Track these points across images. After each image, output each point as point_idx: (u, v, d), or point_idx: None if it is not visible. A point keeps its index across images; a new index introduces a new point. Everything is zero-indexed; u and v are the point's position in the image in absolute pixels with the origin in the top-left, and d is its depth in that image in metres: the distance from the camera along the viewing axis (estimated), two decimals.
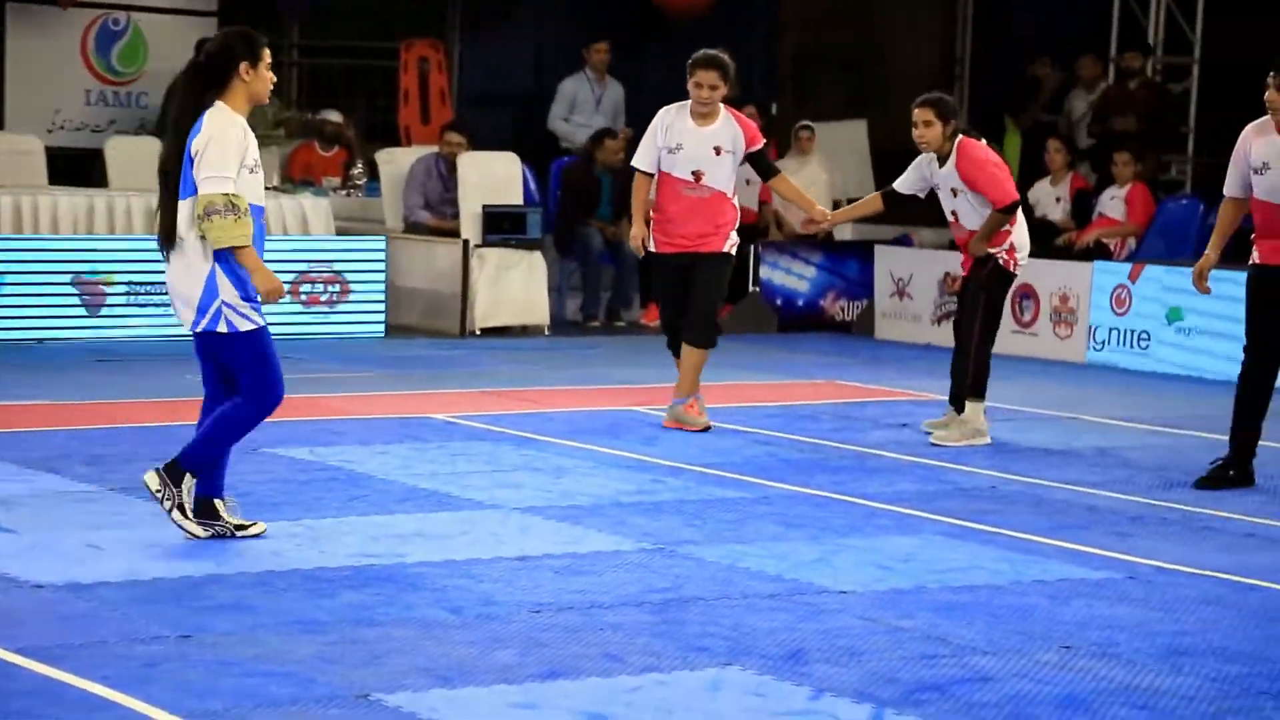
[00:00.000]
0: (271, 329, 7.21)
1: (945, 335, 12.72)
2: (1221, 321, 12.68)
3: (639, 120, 16.18)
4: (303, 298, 13.89)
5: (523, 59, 17.70)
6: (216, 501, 7.26)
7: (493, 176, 14.82)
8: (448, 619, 6.26)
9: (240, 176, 6.97)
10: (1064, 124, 17.01)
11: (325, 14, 17.81)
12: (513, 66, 17.69)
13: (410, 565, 6.98)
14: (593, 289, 15.59)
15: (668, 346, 10.51)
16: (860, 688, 5.61)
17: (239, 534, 7.25)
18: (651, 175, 10.14)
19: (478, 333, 14.57)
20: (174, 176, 7.03)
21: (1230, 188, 9.00)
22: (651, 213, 10.25)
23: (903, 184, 10.27)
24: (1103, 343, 13.59)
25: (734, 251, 10.18)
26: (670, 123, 10.12)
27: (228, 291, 7.04)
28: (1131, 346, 13.42)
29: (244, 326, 7.07)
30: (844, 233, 16.60)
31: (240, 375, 7.15)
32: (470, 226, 14.62)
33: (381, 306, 14.25)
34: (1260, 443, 9.00)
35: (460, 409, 10.86)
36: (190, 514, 7.18)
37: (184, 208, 7.02)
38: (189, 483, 7.16)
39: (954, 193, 10.05)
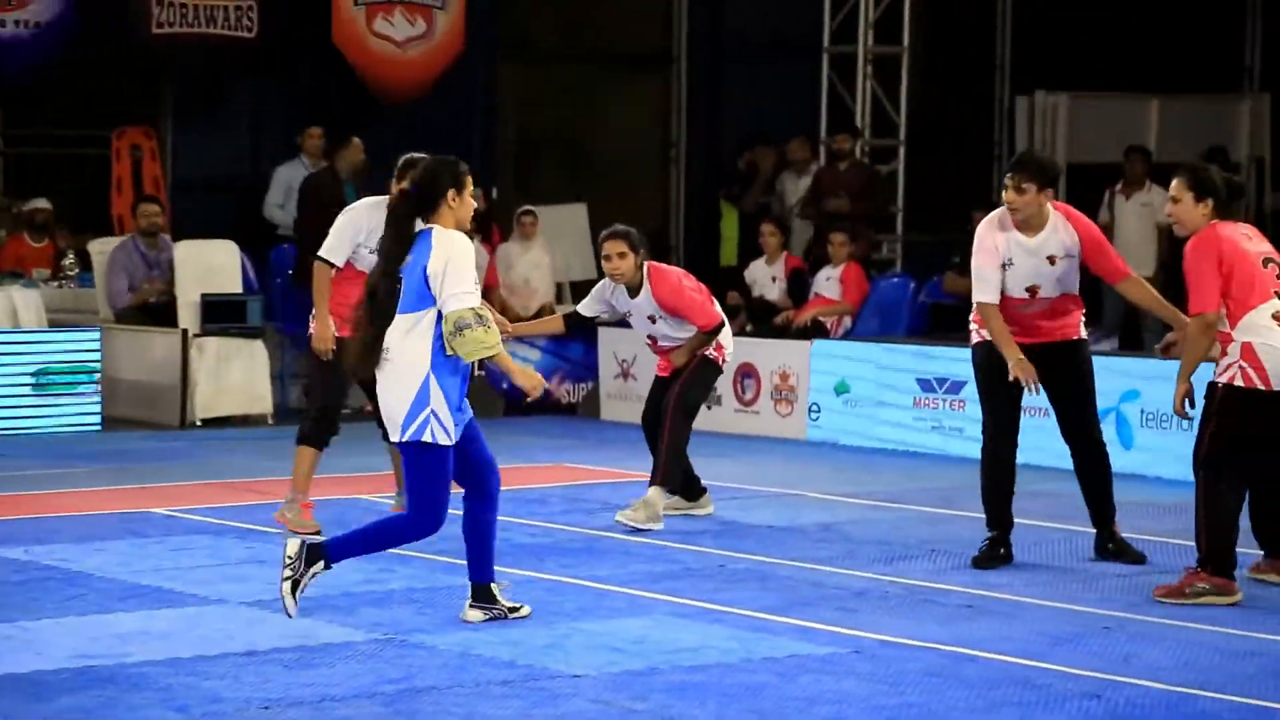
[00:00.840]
0: None
1: None
2: (885, 391, 13.32)
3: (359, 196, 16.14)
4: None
5: (237, 145, 17.51)
6: (492, 586, 7.58)
7: (210, 265, 14.62)
8: (174, 719, 6.11)
9: None
10: (777, 206, 17.36)
11: (33, 100, 17.42)
12: (227, 153, 17.48)
13: (132, 665, 6.81)
14: None
15: None
16: None
17: (511, 616, 7.58)
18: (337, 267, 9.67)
19: (199, 424, 14.32)
20: (385, 298, 7.32)
21: (991, 292, 8.88)
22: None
23: (586, 308, 10.29)
24: (817, 418, 13.85)
25: None
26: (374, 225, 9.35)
27: (438, 402, 7.25)
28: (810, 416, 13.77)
29: (442, 440, 7.35)
30: None
31: (413, 487, 7.40)
32: (189, 316, 14.39)
33: (97, 399, 13.93)
34: (971, 513, 9.18)
35: (182, 502, 10.65)
36: (295, 594, 7.42)
37: (401, 322, 7.34)
38: (318, 568, 7.44)
39: (651, 319, 10.12)
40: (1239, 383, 8.15)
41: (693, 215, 19.22)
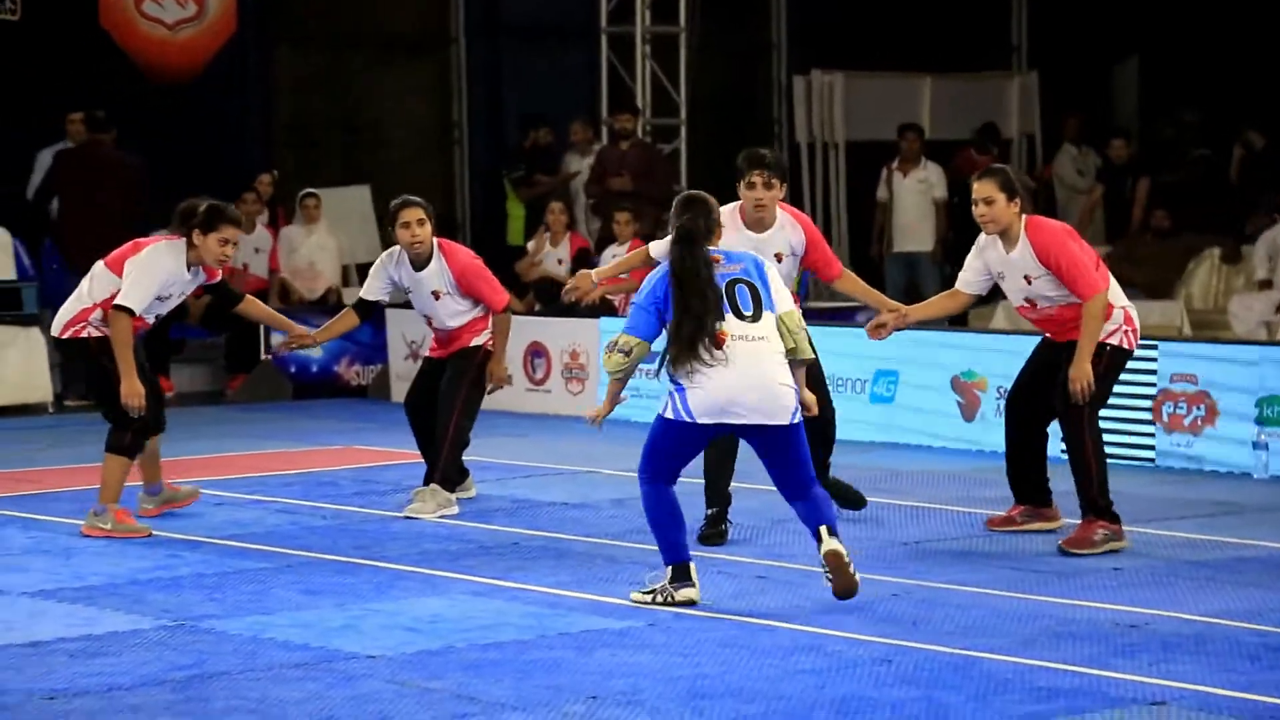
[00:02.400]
0: None
1: None
2: None
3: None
4: None
5: (4, 130, 17.07)
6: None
7: None
8: None
9: None
10: (564, 186, 17.37)
11: None
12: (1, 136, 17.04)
13: None
14: None
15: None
16: None
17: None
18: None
19: None
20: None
21: (660, 250, 9.11)
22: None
23: (370, 292, 9.99)
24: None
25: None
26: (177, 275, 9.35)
27: None
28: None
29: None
30: (353, 297, 16.47)
31: None
32: None
33: None
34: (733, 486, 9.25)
35: None
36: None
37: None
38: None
39: (435, 295, 9.84)
40: (1125, 344, 8.69)
41: (477, 195, 19.16)
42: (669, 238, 7.91)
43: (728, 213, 9.06)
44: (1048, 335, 8.90)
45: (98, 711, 6.00)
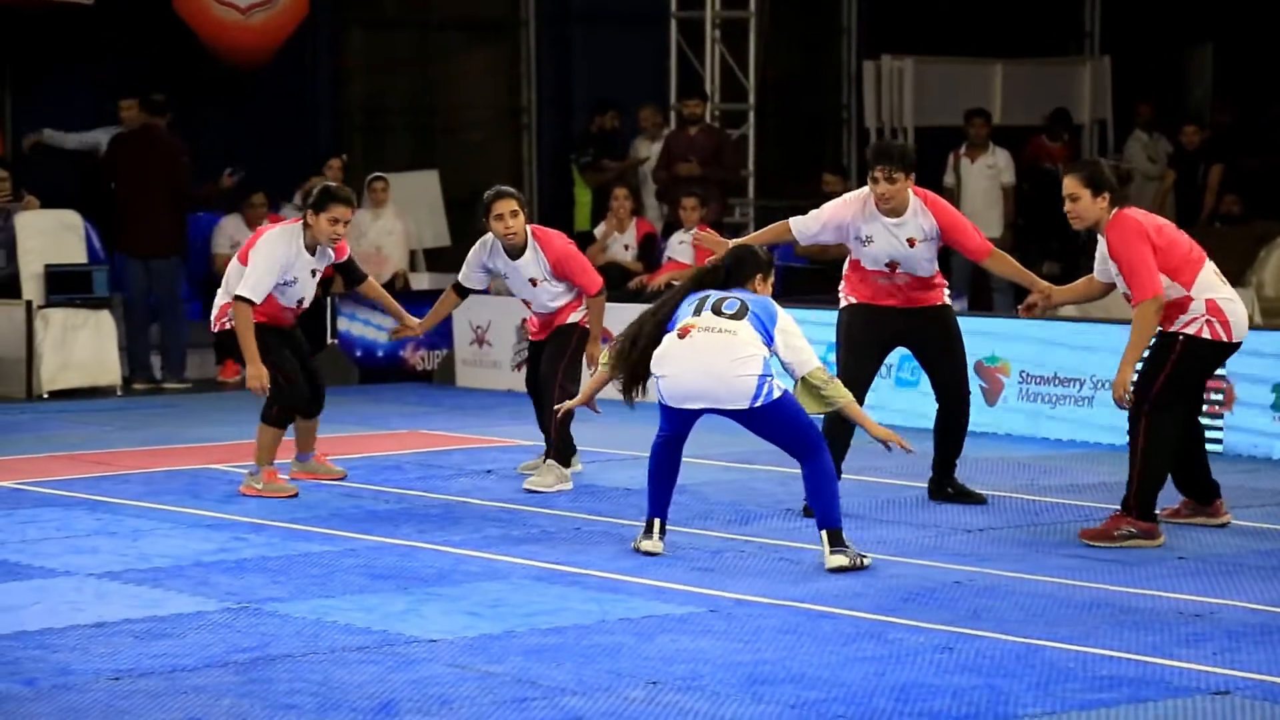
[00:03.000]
0: None
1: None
2: None
3: (203, 165, 15.97)
4: None
5: (83, 111, 17.20)
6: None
7: (53, 235, 14.39)
8: (21, 692, 6.04)
9: None
10: (631, 171, 17.37)
11: None
12: (73, 119, 17.17)
13: None
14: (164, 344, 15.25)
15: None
16: None
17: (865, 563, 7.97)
18: None
19: (45, 396, 14.11)
20: None
21: (800, 227, 9.36)
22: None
23: (467, 279, 10.24)
24: None
25: None
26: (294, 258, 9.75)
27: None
28: None
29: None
30: (420, 282, 16.62)
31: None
32: (33, 287, 14.17)
33: None
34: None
35: (28, 475, 10.49)
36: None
37: None
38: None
39: (533, 282, 10.09)
40: (1205, 335, 8.49)
41: (545, 180, 19.18)
42: (809, 215, 9.21)
43: (860, 198, 9.26)
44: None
45: (161, 692, 6.04)
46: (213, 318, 9.92)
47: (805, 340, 8.07)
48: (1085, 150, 18.71)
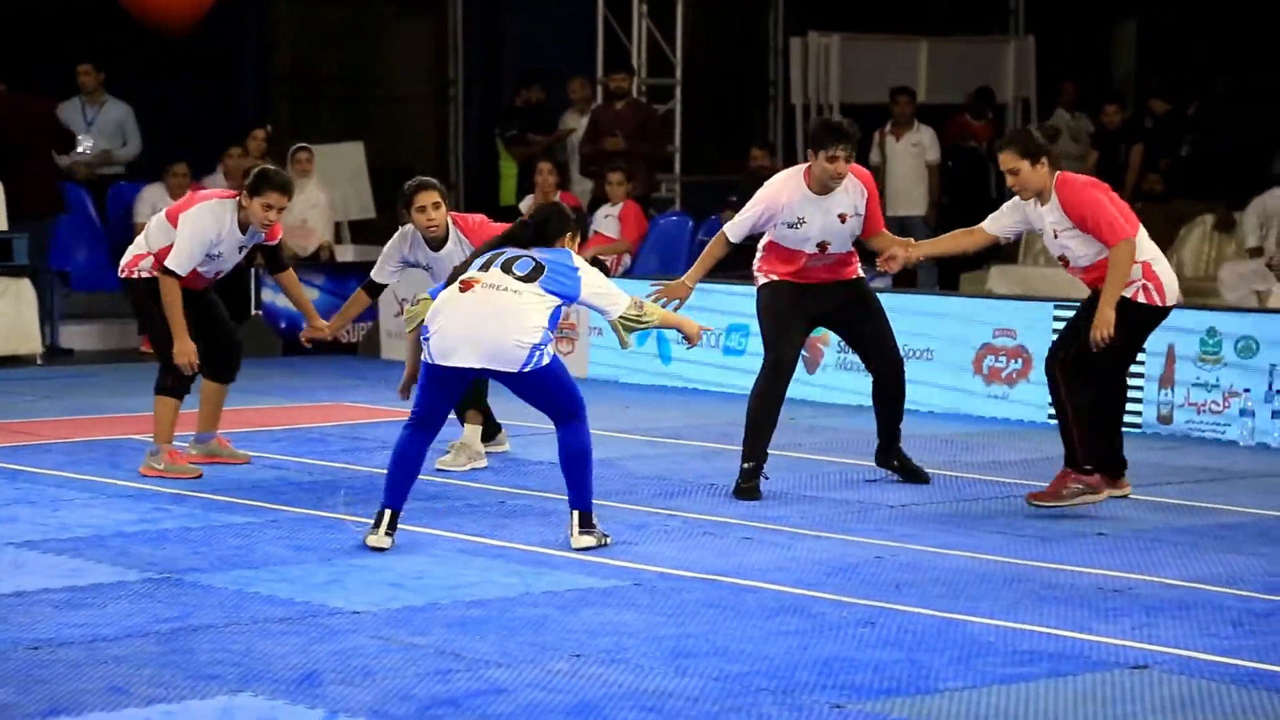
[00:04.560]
0: None
1: None
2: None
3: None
4: None
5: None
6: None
7: None
8: None
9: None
10: (559, 145, 17.34)
11: None
12: None
13: None
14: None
15: None
16: (375, 706, 5.60)
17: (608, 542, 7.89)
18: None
19: None
20: None
21: (738, 232, 9.23)
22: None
23: (382, 275, 9.84)
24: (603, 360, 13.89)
25: None
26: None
27: None
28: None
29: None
30: (346, 254, 16.55)
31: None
32: None
33: None
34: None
35: None
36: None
37: None
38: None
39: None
40: (1141, 299, 8.52)
41: (471, 153, 19.12)
42: (738, 218, 9.15)
43: (791, 175, 9.23)
44: (1091, 291, 8.83)
45: (82, 662, 6.01)
46: (123, 263, 9.60)
47: (608, 281, 8.01)
48: (1009, 128, 18.80)
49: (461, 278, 7.80)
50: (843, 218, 9.16)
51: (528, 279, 7.73)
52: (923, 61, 19.04)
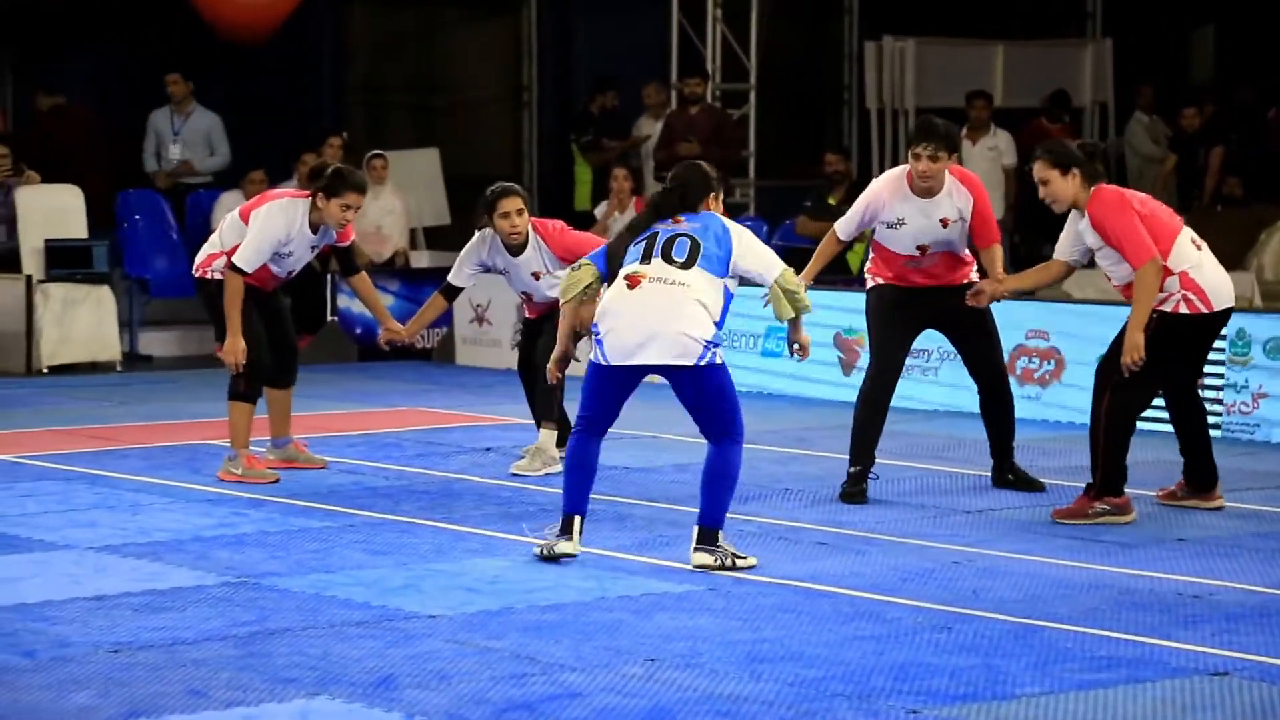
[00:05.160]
0: None
1: None
2: (737, 336, 13.42)
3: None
4: None
5: (84, 86, 17.19)
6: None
7: (53, 210, 14.38)
8: (20, 663, 6.04)
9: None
10: (633, 151, 17.35)
11: None
12: (75, 94, 17.15)
13: None
14: None
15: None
16: (450, 709, 5.61)
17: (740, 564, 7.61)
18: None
19: (45, 371, 14.11)
20: None
21: (846, 229, 9.26)
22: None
23: (459, 278, 9.87)
24: None
25: None
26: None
27: None
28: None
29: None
30: (421, 260, 16.61)
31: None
32: (33, 262, 14.16)
33: None
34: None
35: (27, 449, 10.49)
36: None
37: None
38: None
39: (536, 276, 9.85)
40: (1183, 310, 8.45)
41: (545, 159, 19.16)
42: (847, 215, 9.11)
43: (895, 176, 9.19)
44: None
45: (161, 665, 6.05)
46: (197, 262, 9.63)
47: (766, 247, 7.85)
48: (1086, 133, 18.69)
49: (626, 273, 7.62)
50: (944, 222, 9.08)
51: (687, 264, 7.57)
52: (999, 65, 18.94)
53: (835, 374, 12.84)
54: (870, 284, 9.36)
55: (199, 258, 9.68)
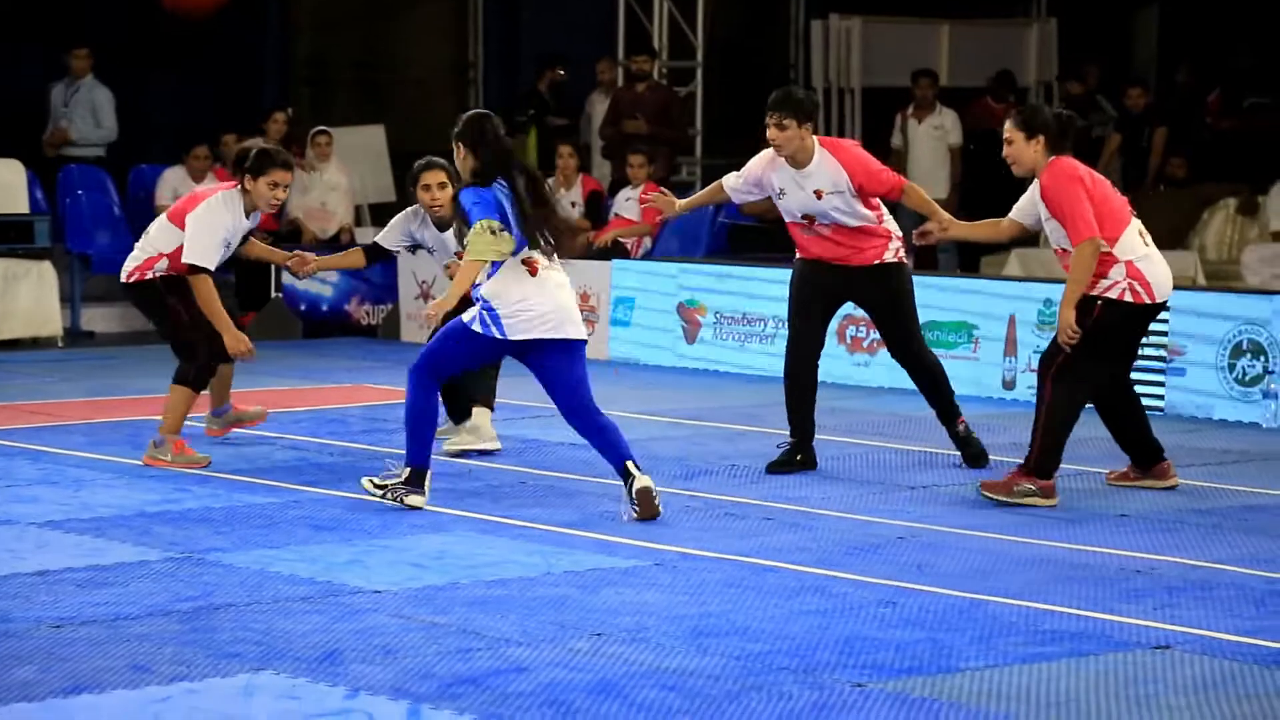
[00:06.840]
0: None
1: None
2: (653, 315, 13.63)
3: (133, 124, 15.83)
4: None
5: (30, 63, 17.04)
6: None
7: None
8: None
9: None
10: (585, 127, 17.32)
11: None
12: (20, 72, 17.02)
13: None
14: None
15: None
16: (396, 684, 5.60)
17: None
18: None
19: None
20: None
21: (730, 183, 9.42)
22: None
23: (387, 240, 9.84)
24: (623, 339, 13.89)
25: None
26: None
27: None
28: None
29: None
30: (366, 236, 16.51)
31: None
32: None
33: None
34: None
35: None
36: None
37: None
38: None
39: (459, 254, 9.77)
40: (1127, 298, 8.43)
41: None
42: (739, 172, 9.27)
43: (772, 152, 9.15)
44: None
45: (104, 640, 6.02)
46: (127, 269, 9.45)
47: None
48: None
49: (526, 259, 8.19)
50: (818, 194, 9.07)
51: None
52: (945, 44, 18.99)
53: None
54: (795, 257, 9.47)
55: (130, 264, 9.46)
